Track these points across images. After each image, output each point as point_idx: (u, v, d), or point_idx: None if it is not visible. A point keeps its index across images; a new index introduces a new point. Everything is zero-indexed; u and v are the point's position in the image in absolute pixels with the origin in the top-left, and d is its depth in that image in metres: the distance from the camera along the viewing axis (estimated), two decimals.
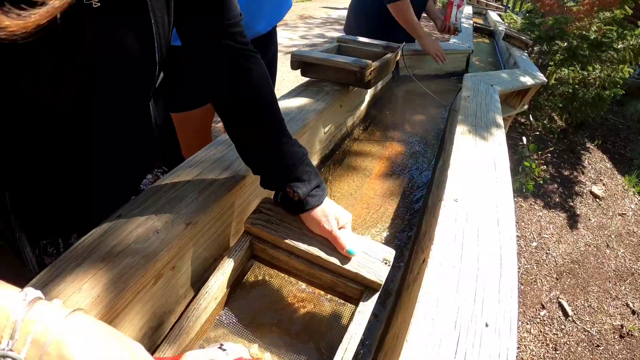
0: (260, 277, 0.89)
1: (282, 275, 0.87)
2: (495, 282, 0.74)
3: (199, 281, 0.82)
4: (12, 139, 0.61)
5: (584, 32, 4.32)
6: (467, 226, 0.86)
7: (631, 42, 4.31)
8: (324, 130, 1.32)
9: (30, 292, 0.31)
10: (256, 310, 0.81)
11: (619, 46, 4.31)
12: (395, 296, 0.94)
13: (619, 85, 4.17)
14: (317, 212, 0.75)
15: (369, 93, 1.78)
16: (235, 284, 0.82)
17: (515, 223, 0.93)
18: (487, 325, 0.66)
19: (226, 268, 0.76)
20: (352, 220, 0.80)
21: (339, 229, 0.76)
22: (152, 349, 0.73)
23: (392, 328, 0.81)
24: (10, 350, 0.27)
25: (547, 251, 2.97)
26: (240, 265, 0.80)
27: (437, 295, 0.68)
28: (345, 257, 0.74)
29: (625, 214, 3.60)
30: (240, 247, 0.79)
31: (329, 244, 0.75)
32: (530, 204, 3.39)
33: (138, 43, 0.61)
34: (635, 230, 3.41)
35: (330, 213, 0.75)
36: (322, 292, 0.86)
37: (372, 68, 1.36)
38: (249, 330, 0.76)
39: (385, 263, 0.75)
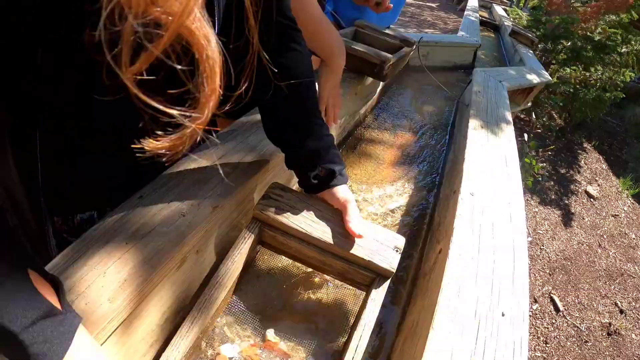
0: (268, 264, 0.89)
1: (291, 261, 0.87)
2: (510, 274, 0.77)
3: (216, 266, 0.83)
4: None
5: (589, 34, 4.34)
6: (483, 220, 0.89)
7: (635, 47, 4.34)
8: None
9: None
10: (265, 297, 0.81)
11: (623, 50, 4.34)
12: (410, 285, 0.96)
13: (619, 89, 4.21)
14: (341, 188, 0.77)
15: (381, 82, 1.79)
16: (244, 271, 0.81)
17: (525, 219, 0.95)
18: (503, 315, 0.68)
19: (236, 256, 0.75)
20: (364, 209, 0.81)
21: None
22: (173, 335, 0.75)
23: (410, 315, 0.83)
24: None
25: (542, 247, 3.03)
26: (250, 252, 0.78)
27: (459, 285, 0.70)
28: (358, 245, 0.74)
29: (618, 215, 3.67)
30: (249, 235, 0.77)
31: (341, 231, 0.75)
32: (527, 199, 3.44)
33: None
34: (627, 232, 3.48)
35: (351, 194, 0.78)
36: (331, 279, 0.87)
37: (391, 62, 1.37)
38: (259, 317, 0.77)
39: (397, 251, 0.75)
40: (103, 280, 0.58)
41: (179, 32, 0.32)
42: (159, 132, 0.37)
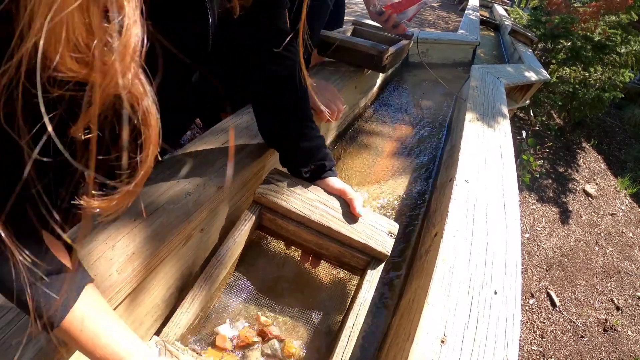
0: (266, 248, 0.92)
1: (288, 246, 0.90)
2: (502, 256, 0.80)
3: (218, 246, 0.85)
4: None
5: (588, 34, 4.36)
6: (477, 205, 0.91)
7: (634, 47, 4.35)
8: None
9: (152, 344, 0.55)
10: (263, 279, 0.84)
11: (622, 50, 4.35)
12: (407, 267, 0.99)
13: (618, 89, 4.23)
14: (334, 179, 0.83)
15: (381, 77, 1.82)
16: (244, 252, 0.84)
17: (519, 207, 0.98)
18: (495, 292, 0.71)
19: (237, 237, 0.78)
20: (364, 197, 0.85)
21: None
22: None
23: (406, 294, 0.86)
24: None
25: (539, 243, 3.05)
26: (250, 234, 0.81)
27: (452, 263, 0.73)
28: (354, 229, 0.77)
29: (615, 214, 3.69)
30: (250, 216, 0.80)
31: (339, 215, 0.79)
32: (525, 196, 3.46)
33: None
34: (624, 231, 3.50)
35: (345, 184, 0.83)
36: (327, 264, 0.90)
37: (389, 53, 1.40)
38: (256, 298, 0.80)
39: (391, 235, 0.78)
40: (112, 253, 0.60)
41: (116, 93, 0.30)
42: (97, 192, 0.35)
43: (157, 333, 0.64)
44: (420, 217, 1.15)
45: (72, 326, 0.45)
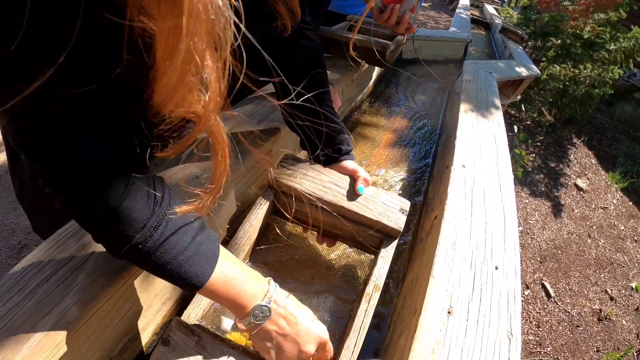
0: (281, 232, 0.94)
1: (301, 232, 0.93)
2: (501, 235, 0.82)
3: (229, 229, 0.87)
4: None
5: (578, 31, 4.43)
6: (474, 188, 0.94)
7: (623, 44, 4.42)
8: None
9: (271, 280, 0.62)
10: (279, 262, 0.86)
11: (611, 47, 4.42)
12: (408, 251, 1.02)
13: (608, 85, 4.29)
14: (349, 162, 0.85)
15: (376, 71, 1.84)
16: (259, 237, 0.86)
17: (514, 191, 1.01)
18: (497, 268, 0.73)
19: (253, 221, 0.80)
20: None
21: None
22: (185, 295, 0.79)
23: (409, 274, 0.88)
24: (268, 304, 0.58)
25: (532, 236, 3.10)
26: (265, 218, 0.83)
27: (454, 240, 0.76)
28: (367, 207, 0.80)
29: (607, 207, 3.74)
30: (264, 201, 0.83)
31: (351, 195, 0.81)
32: (517, 191, 3.51)
33: None
34: (616, 224, 3.55)
35: (359, 166, 0.85)
36: (340, 248, 0.92)
37: (391, 49, 1.42)
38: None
39: (403, 212, 0.80)
40: None
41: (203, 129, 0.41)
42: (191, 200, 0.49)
43: (179, 314, 0.66)
44: (419, 205, 1.18)
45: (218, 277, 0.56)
